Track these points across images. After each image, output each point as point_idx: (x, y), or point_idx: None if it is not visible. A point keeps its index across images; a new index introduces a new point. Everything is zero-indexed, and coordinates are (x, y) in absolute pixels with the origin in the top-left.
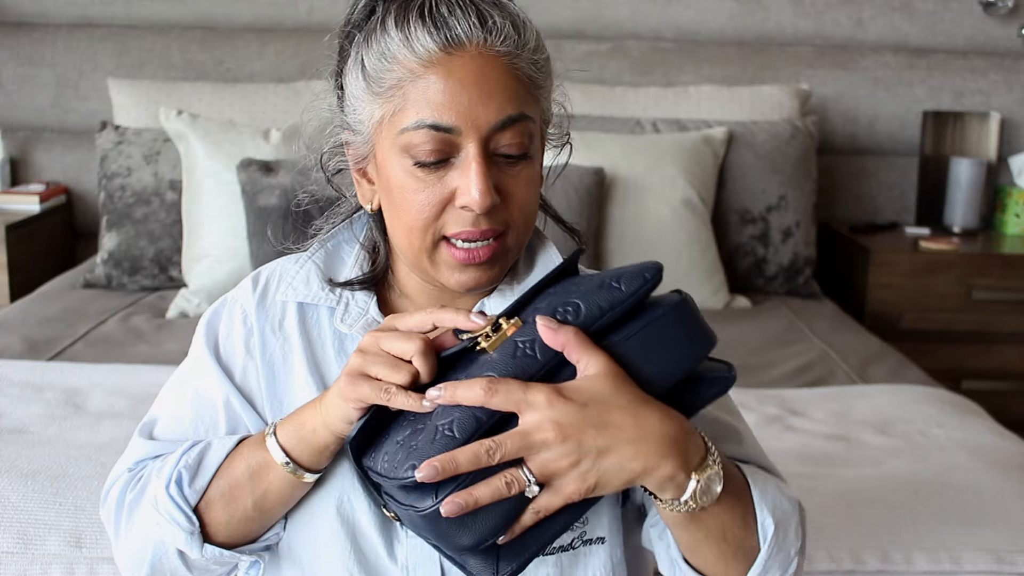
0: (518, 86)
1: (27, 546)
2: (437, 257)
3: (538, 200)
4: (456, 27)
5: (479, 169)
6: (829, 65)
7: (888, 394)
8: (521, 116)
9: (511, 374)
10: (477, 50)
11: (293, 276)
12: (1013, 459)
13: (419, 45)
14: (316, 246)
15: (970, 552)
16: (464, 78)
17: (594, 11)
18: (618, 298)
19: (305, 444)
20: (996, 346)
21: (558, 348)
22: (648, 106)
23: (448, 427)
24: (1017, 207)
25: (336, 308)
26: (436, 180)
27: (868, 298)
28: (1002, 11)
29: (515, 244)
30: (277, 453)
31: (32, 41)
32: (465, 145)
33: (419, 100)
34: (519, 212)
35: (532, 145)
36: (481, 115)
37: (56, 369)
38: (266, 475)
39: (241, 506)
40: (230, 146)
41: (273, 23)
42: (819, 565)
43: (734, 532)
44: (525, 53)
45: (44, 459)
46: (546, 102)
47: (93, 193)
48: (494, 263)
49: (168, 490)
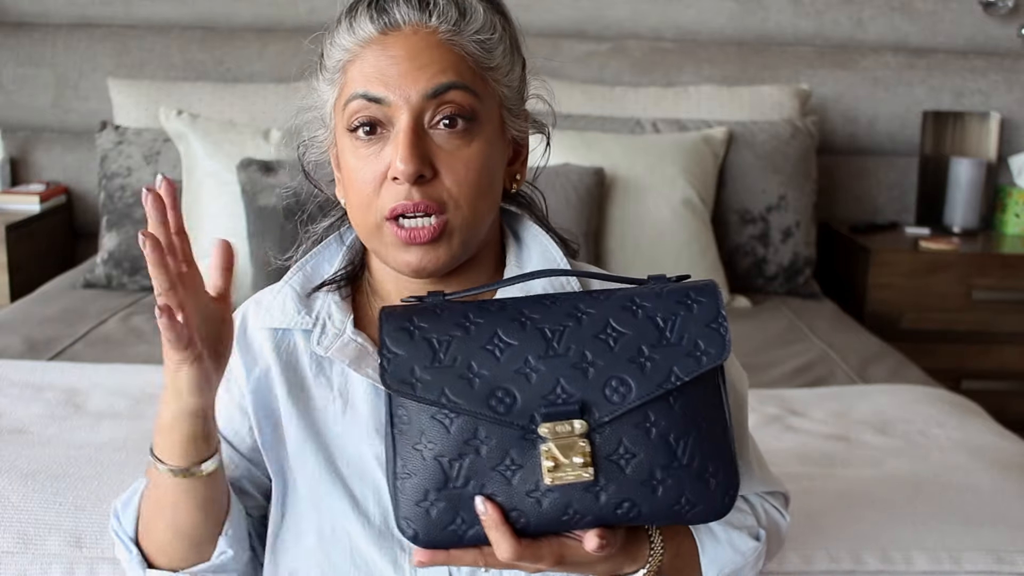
0: (457, 61)
1: (27, 546)
2: (384, 238)
3: (489, 183)
4: (395, 12)
5: (405, 138)
6: (829, 65)
7: (888, 394)
8: (456, 85)
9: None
10: (413, 29)
11: (269, 303)
12: (1013, 459)
13: (359, 29)
14: (294, 269)
15: (970, 552)
16: (396, 53)
17: (594, 11)
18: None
19: (162, 437)
20: (996, 346)
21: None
22: (648, 106)
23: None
24: (1017, 207)
25: (312, 331)
26: (375, 155)
27: (868, 298)
28: (1002, 11)
29: (461, 224)
30: (158, 465)
31: (32, 41)
32: (398, 116)
33: (356, 75)
34: (458, 187)
35: (475, 121)
36: (411, 85)
37: (56, 369)
38: (162, 493)
39: (161, 530)
40: (230, 146)
41: (273, 23)
42: (819, 565)
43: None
44: (467, 32)
45: (44, 459)
46: (504, 87)
47: (93, 193)
48: (438, 244)
49: (112, 527)
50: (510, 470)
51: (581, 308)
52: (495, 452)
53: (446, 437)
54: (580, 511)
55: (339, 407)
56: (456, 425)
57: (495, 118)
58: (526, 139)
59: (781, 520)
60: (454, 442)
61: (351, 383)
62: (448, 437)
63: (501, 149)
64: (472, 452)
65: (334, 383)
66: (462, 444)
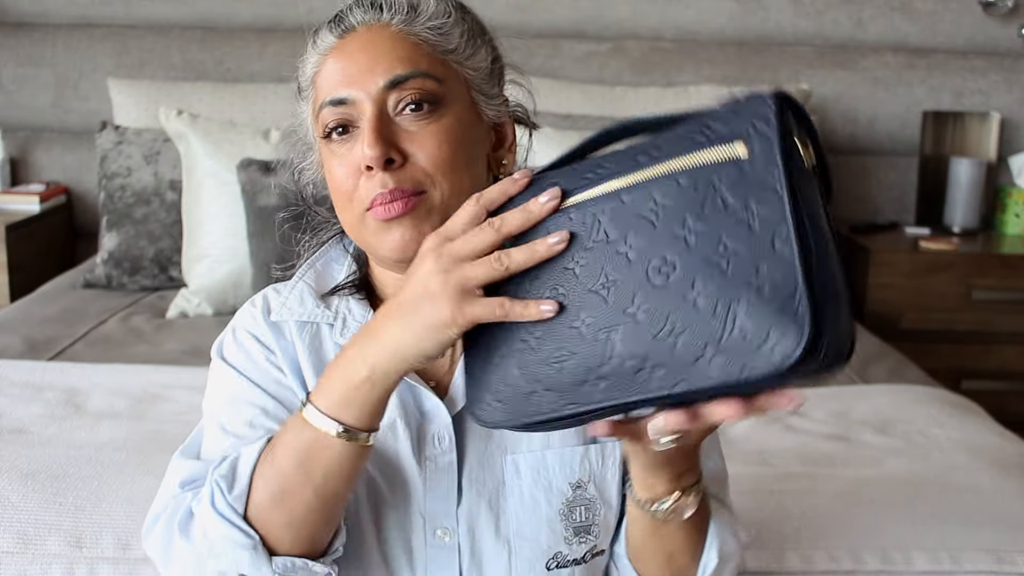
0: (412, 49)
1: (27, 546)
2: (367, 227)
3: (466, 158)
4: (349, 18)
5: (369, 125)
6: (829, 65)
7: (888, 394)
8: (415, 73)
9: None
10: (367, 28)
11: (286, 297)
12: (1013, 459)
13: (321, 42)
14: (304, 268)
15: (970, 552)
16: (352, 52)
17: (594, 11)
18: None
19: (357, 405)
20: (996, 346)
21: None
22: (648, 106)
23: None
24: (1017, 207)
25: (335, 324)
26: (347, 152)
27: (868, 298)
28: (1002, 11)
29: (441, 199)
30: (328, 423)
31: (32, 41)
32: (364, 111)
33: (322, 84)
34: (432, 163)
35: (441, 103)
36: (369, 79)
37: (56, 369)
38: (321, 455)
39: (301, 500)
40: (230, 146)
41: (273, 23)
42: (819, 565)
43: (678, 559)
44: (420, 21)
45: (44, 459)
46: (468, 69)
47: (93, 193)
48: (419, 218)
49: (214, 507)
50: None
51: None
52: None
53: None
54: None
55: None
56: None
57: (463, 98)
58: (511, 125)
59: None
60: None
61: None
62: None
63: (479, 130)
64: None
65: None
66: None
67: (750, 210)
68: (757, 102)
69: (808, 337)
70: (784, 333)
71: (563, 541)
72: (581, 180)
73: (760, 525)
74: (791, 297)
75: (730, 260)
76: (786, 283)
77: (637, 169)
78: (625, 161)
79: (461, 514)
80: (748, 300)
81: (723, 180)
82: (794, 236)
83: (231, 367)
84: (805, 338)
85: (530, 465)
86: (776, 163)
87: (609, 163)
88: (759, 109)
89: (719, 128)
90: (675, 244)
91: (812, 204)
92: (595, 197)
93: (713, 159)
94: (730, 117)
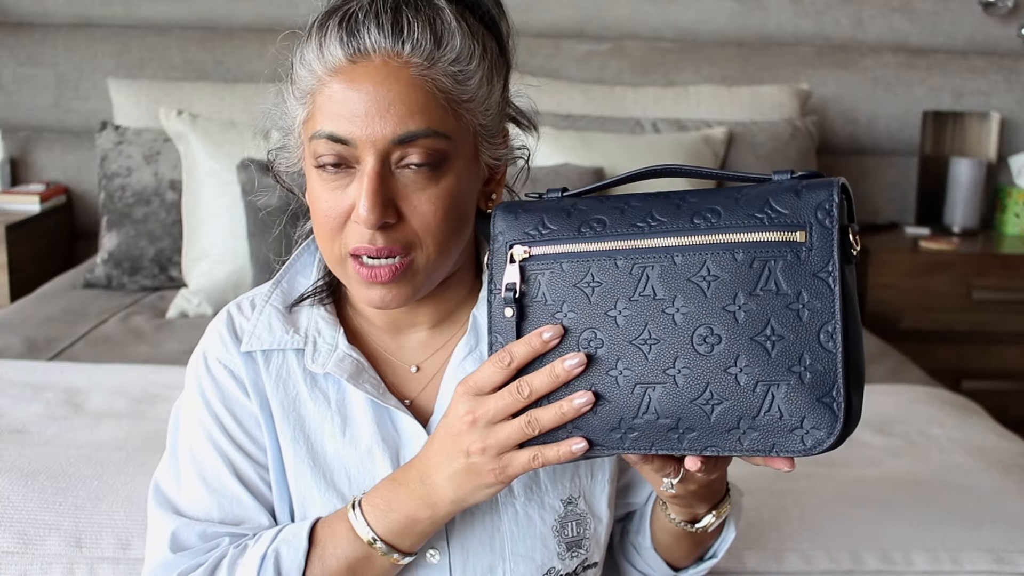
0: (427, 100)
1: (27, 546)
2: (347, 272)
3: (459, 217)
4: (365, 37)
5: (370, 184)
6: (829, 65)
7: (888, 394)
8: (426, 133)
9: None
10: (383, 59)
11: (255, 325)
12: (1013, 459)
13: (328, 52)
14: (270, 287)
15: (970, 552)
16: (364, 88)
17: (594, 11)
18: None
19: (414, 536)
20: (996, 346)
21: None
22: (648, 106)
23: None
24: (1017, 207)
25: (304, 349)
26: (340, 190)
27: (868, 298)
28: (1002, 11)
29: (427, 263)
30: (384, 547)
31: (32, 41)
32: (364, 157)
33: (323, 108)
34: (424, 230)
35: (445, 162)
36: (378, 129)
37: (56, 369)
38: (369, 568)
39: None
40: (230, 146)
41: (273, 23)
42: (819, 565)
43: (706, 541)
44: (441, 64)
45: (44, 459)
46: (477, 116)
47: (93, 193)
48: (402, 283)
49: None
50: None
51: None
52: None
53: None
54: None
55: (338, 424)
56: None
57: (468, 151)
58: (504, 160)
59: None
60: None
61: (348, 398)
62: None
63: (475, 177)
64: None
65: (331, 399)
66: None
67: (802, 299)
68: (821, 191)
69: (840, 428)
70: (818, 424)
71: (556, 556)
72: (631, 227)
73: (760, 525)
74: (830, 390)
75: (776, 344)
76: (827, 376)
77: (694, 232)
78: (681, 219)
79: (452, 534)
80: (789, 385)
81: (779, 264)
82: (840, 334)
83: (205, 404)
84: (838, 430)
85: (522, 483)
86: (832, 258)
87: (662, 216)
88: (822, 200)
89: (782, 211)
90: (724, 317)
91: (852, 290)
92: (644, 249)
93: (772, 240)
94: (793, 201)
